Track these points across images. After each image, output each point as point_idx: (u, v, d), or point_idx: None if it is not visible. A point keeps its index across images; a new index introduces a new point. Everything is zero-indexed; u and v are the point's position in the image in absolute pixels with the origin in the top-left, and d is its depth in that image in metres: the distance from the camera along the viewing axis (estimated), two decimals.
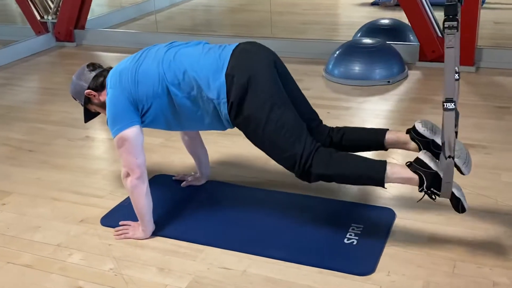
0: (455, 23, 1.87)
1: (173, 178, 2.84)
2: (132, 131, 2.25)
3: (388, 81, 4.11)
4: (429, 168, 2.07)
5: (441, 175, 2.04)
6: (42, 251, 2.33)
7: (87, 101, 2.41)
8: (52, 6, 5.73)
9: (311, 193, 2.64)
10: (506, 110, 3.52)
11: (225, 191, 2.71)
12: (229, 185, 2.76)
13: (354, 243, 2.26)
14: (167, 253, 2.28)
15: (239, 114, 2.21)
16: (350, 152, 2.28)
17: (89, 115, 2.50)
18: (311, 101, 2.45)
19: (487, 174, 2.74)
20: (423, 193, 2.11)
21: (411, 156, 2.21)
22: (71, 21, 5.59)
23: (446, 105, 1.93)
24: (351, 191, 2.65)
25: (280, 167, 2.30)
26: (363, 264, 2.14)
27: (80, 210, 2.63)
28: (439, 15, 4.55)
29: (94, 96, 2.38)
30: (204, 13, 7.36)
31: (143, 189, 2.30)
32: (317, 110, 2.47)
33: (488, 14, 5.61)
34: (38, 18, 5.67)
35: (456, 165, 2.08)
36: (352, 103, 3.82)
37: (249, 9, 7.20)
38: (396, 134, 2.33)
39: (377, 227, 2.37)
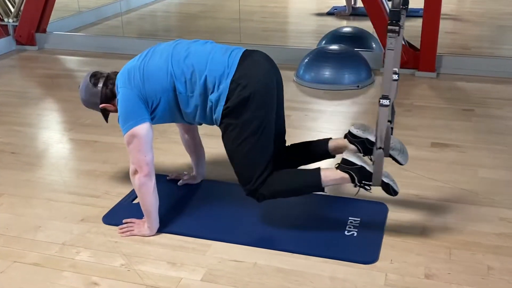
0: (397, 28, 2.07)
1: (167, 178, 2.89)
2: (143, 128, 2.30)
3: (358, 86, 4.30)
4: (354, 164, 2.27)
5: (367, 168, 2.25)
6: (48, 250, 2.34)
7: (104, 111, 2.48)
8: (12, 9, 5.62)
9: None
10: (471, 113, 3.77)
11: (222, 189, 2.78)
12: (225, 183, 2.84)
13: (355, 234, 2.40)
14: (176, 248, 2.33)
15: (229, 117, 2.30)
16: (288, 169, 2.44)
17: (108, 115, 2.55)
18: (286, 104, 2.57)
19: (465, 170, 2.95)
20: (358, 187, 2.30)
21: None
22: (33, 25, 5.50)
23: (382, 101, 2.15)
24: (341, 187, 2.79)
25: None
26: (367, 254, 2.27)
27: (79, 209, 2.64)
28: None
29: (110, 106, 2.45)
30: (165, 19, 7.38)
31: (151, 186, 2.35)
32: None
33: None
34: None
35: (393, 158, 2.35)
36: (326, 106, 3.98)
37: (210, 16, 7.27)
38: (336, 141, 2.53)
39: (373, 220, 2.51)
